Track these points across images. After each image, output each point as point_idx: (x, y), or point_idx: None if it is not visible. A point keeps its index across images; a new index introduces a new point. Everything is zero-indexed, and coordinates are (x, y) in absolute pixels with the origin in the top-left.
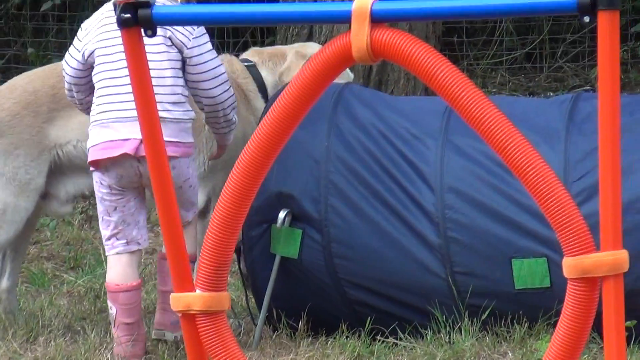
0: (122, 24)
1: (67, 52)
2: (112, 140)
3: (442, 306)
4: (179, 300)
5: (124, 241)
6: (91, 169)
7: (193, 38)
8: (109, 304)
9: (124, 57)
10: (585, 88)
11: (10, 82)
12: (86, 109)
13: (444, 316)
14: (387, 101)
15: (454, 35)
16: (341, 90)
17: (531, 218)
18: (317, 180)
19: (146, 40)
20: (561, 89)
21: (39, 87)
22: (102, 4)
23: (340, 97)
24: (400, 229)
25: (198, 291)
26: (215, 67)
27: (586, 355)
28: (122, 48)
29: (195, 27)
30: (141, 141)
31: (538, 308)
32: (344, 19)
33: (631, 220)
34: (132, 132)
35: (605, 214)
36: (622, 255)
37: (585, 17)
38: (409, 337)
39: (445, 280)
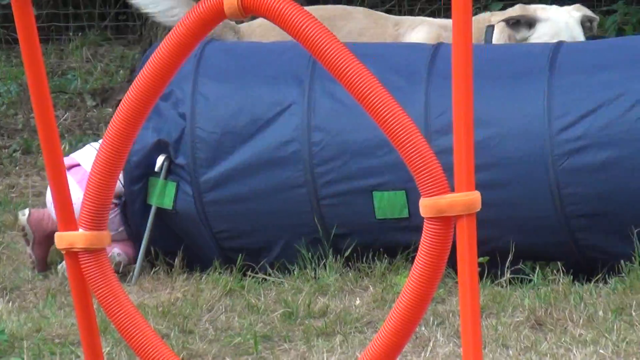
0: None
1: None
2: None
3: (309, 244)
4: (62, 239)
5: None
6: None
7: None
8: None
9: None
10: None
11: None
12: None
13: (310, 253)
14: (251, 49)
15: None
16: (203, 47)
17: (391, 153)
18: (186, 135)
19: None
20: None
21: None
22: None
23: (202, 53)
24: (268, 171)
25: (81, 230)
26: None
27: (442, 290)
28: None
29: None
30: None
31: (398, 242)
32: None
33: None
34: None
35: (459, 158)
36: (474, 196)
37: None
38: (277, 273)
39: (310, 214)
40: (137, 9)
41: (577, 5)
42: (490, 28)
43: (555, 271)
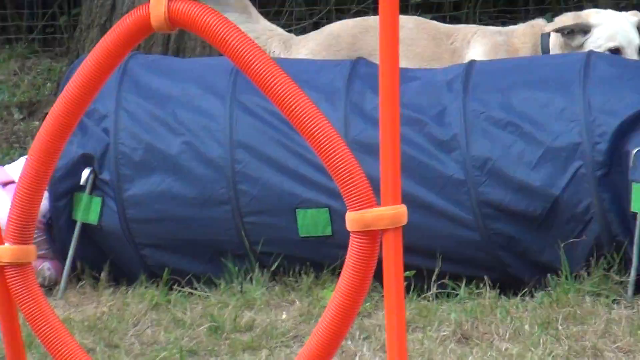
0: None
1: None
2: None
3: (235, 258)
4: None
5: None
6: None
7: None
8: None
9: None
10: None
11: (324, 27)
12: None
13: (236, 267)
14: (174, 64)
15: None
16: (126, 61)
17: (315, 171)
18: (110, 151)
19: None
20: None
21: (342, 33)
22: None
23: (125, 67)
24: (188, 187)
25: (7, 244)
26: None
27: (368, 304)
28: None
29: None
30: None
31: (323, 257)
32: None
33: None
34: None
35: (386, 172)
36: (401, 210)
37: None
38: (203, 287)
39: (236, 231)
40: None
41: (634, 12)
42: (545, 36)
43: (481, 285)
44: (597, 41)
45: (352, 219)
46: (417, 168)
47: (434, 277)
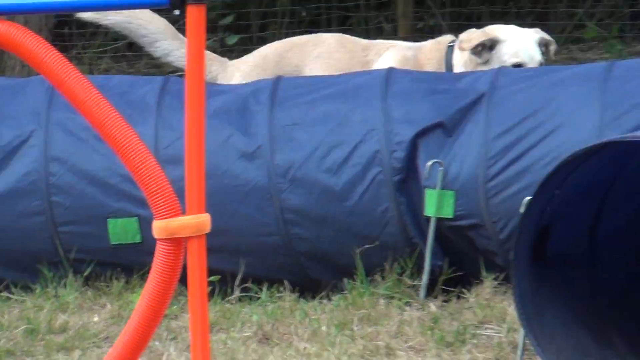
0: None
1: None
2: None
3: (50, 264)
4: None
5: None
6: None
7: None
8: None
9: None
10: (179, 73)
11: (257, 50)
12: None
13: (52, 273)
14: None
15: (64, 28)
16: None
17: (125, 182)
18: None
19: None
20: (159, 74)
21: (270, 53)
22: None
23: None
24: (10, 201)
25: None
26: None
27: (175, 306)
28: None
29: None
30: None
31: (133, 263)
32: None
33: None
34: None
35: (191, 182)
36: (204, 219)
37: (175, 11)
38: (20, 292)
39: (51, 239)
40: None
41: (537, 29)
42: (450, 52)
43: (282, 289)
44: (502, 57)
45: (158, 227)
46: (222, 177)
47: (237, 282)
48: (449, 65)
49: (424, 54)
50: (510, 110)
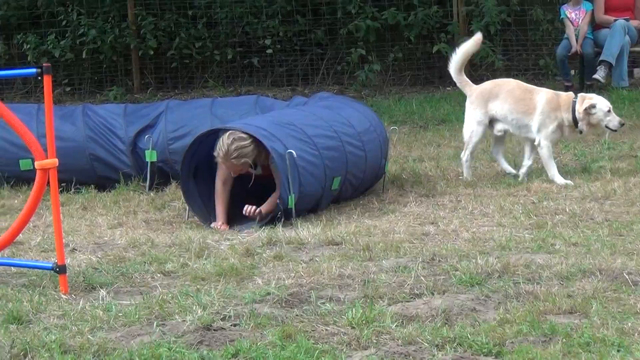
0: None
1: None
2: None
3: None
4: None
5: None
6: None
7: None
8: None
9: None
10: None
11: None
12: None
13: None
14: None
15: None
16: None
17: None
18: None
19: None
20: None
21: (487, 85)
22: None
23: None
24: None
25: None
26: None
27: None
28: None
29: None
30: None
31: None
32: None
33: None
34: None
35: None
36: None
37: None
38: None
39: None
40: None
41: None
42: (574, 102)
43: None
44: (598, 112)
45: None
46: None
47: None
48: (573, 110)
49: (562, 99)
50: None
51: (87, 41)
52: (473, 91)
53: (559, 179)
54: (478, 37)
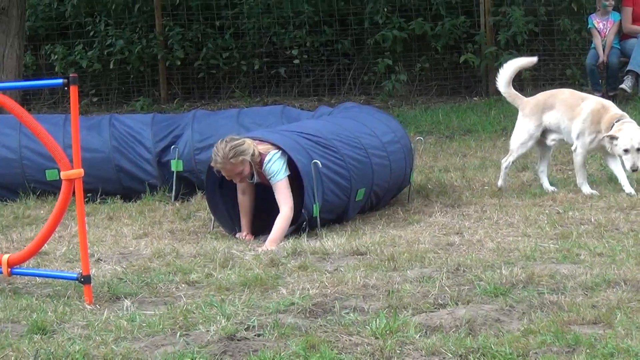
0: None
1: None
2: None
3: None
4: None
5: None
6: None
7: None
8: None
9: None
10: None
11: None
12: None
13: None
14: None
15: None
16: None
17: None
18: None
19: None
20: None
21: (542, 96)
22: None
23: None
24: None
25: None
26: None
27: None
28: None
29: None
30: None
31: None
32: None
33: None
34: None
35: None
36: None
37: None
38: None
39: None
40: None
41: None
42: (614, 124)
43: None
44: (619, 144)
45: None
46: None
47: None
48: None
49: (606, 116)
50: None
51: (114, 52)
52: (527, 103)
53: (586, 189)
54: (533, 60)
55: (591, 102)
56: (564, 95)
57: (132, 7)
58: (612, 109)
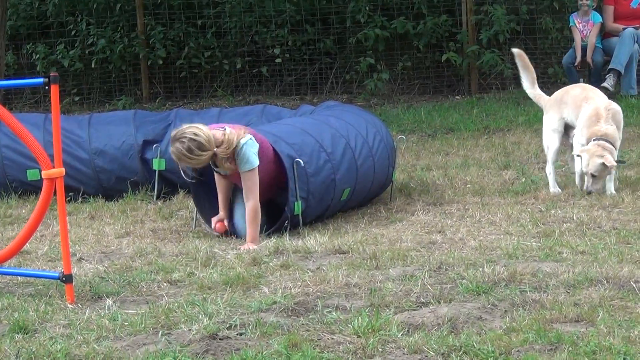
0: None
1: None
2: None
3: None
4: None
5: None
6: None
7: None
8: None
9: None
10: None
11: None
12: None
13: None
14: None
15: None
16: None
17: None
18: None
19: None
20: None
21: (559, 94)
22: None
23: None
24: None
25: None
26: None
27: None
28: None
29: None
30: None
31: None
32: None
33: None
34: None
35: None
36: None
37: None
38: None
39: None
40: None
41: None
42: (594, 139)
43: None
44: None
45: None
46: None
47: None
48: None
49: (597, 126)
50: None
51: (96, 51)
52: (547, 101)
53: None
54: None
55: (589, 107)
56: (575, 92)
57: (113, 6)
58: (602, 123)
